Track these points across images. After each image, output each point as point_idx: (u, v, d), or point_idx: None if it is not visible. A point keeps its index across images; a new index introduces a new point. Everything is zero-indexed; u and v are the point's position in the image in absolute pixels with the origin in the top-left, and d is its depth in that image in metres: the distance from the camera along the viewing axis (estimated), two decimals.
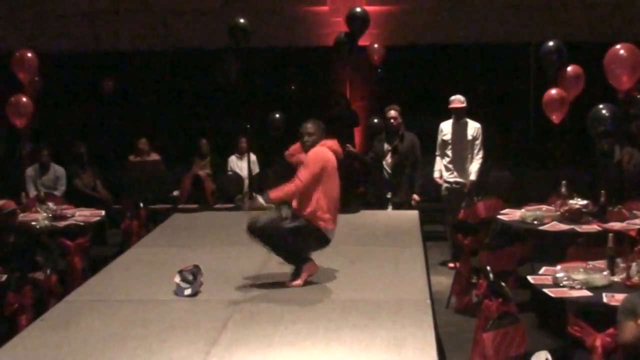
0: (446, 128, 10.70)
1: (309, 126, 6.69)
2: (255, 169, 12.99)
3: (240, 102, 12.75)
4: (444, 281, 9.47)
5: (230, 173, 13.24)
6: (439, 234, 11.44)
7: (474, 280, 8.37)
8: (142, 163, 13.43)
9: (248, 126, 11.92)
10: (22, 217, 9.51)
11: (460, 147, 10.58)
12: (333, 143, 6.70)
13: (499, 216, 9.02)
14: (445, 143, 10.68)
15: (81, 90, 14.77)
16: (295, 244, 6.54)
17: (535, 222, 8.56)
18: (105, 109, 14.76)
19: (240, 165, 13.13)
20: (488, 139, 10.94)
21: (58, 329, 5.64)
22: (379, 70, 14.23)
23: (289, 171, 12.85)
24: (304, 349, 5.08)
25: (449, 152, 10.65)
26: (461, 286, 8.59)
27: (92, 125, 14.74)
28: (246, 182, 12.74)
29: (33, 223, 9.15)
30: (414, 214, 9.40)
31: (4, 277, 6.97)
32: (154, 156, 13.59)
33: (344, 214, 9.10)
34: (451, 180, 10.65)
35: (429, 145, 11.01)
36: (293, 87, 15.05)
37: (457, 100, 10.57)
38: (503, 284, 6.08)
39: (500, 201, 9.72)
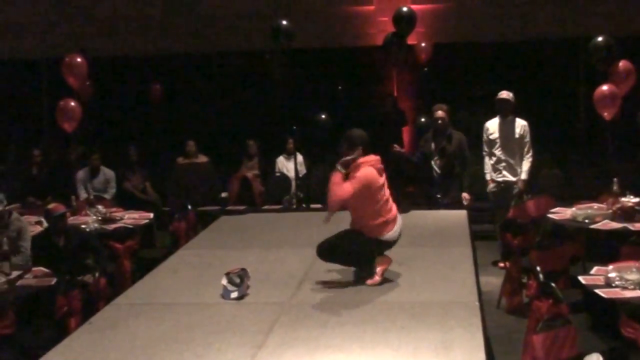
0: (492, 127, 10.56)
1: (349, 142, 6.55)
2: (303, 170, 12.95)
3: (288, 103, 12.73)
4: (493, 281, 9.35)
5: (278, 174, 13.23)
6: (488, 233, 11.29)
7: (524, 280, 8.26)
8: (191, 165, 13.48)
9: (295, 127, 11.90)
10: (72, 220, 9.60)
11: (508, 146, 10.44)
12: (376, 160, 6.57)
13: (549, 215, 8.88)
14: (491, 142, 10.55)
15: (130, 93, 14.88)
16: (361, 254, 6.55)
17: (587, 221, 8.42)
18: (154, 112, 14.85)
19: (288, 166, 13.10)
20: (538, 137, 10.78)
21: (106, 331, 5.64)
22: (425, 69, 14.14)
23: (331, 169, 12.95)
24: (351, 352, 5.01)
25: (496, 152, 10.51)
26: (511, 286, 8.47)
27: (141, 128, 14.84)
28: (294, 183, 12.72)
29: (83, 226, 9.23)
30: (462, 213, 9.27)
31: (54, 280, 7.01)
32: (202, 158, 13.63)
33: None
34: (499, 179, 10.51)
35: (477, 144, 10.88)
36: (340, 88, 15.01)
37: (505, 95, 10.43)
38: (553, 284, 5.97)
39: (551, 200, 9.58)
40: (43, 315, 6.72)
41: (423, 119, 12.94)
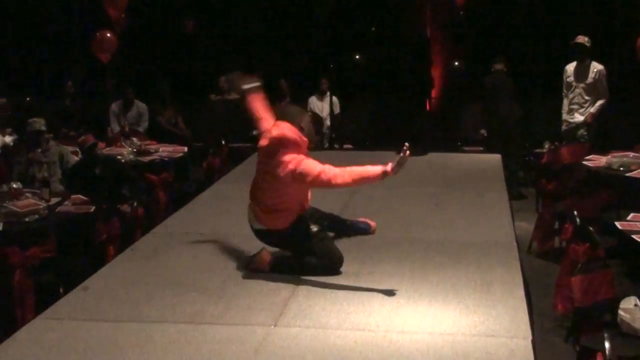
0: (569, 70, 10.66)
1: None
2: (337, 110, 12.94)
3: (322, 42, 12.68)
4: (524, 226, 9.36)
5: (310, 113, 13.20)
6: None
7: (556, 226, 8.28)
8: (223, 101, 13.49)
9: (331, 66, 11.85)
10: (107, 150, 9.67)
11: (583, 89, 10.52)
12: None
13: (584, 162, 8.86)
14: (568, 84, 10.68)
15: (165, 28, 14.84)
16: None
17: (622, 169, 8.38)
18: (187, 47, 14.83)
19: (321, 106, 13.08)
20: None
21: (148, 258, 5.75)
22: (461, 12, 14.00)
23: (363, 110, 12.95)
24: (390, 286, 5.07)
25: (571, 94, 10.62)
26: (543, 231, 8.48)
27: (174, 62, 14.83)
28: (326, 122, 12.72)
29: (118, 157, 9.29)
30: (496, 157, 9.29)
31: (92, 208, 7.09)
32: (234, 95, 13.61)
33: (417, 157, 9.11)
34: (571, 120, 10.62)
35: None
36: (373, 29, 14.92)
37: (581, 39, 10.46)
38: (591, 228, 5.99)
39: (585, 146, 9.56)
40: (82, 241, 6.80)
41: (457, 63, 12.88)
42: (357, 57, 12.85)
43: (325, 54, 12.61)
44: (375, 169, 5.22)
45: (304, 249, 5.41)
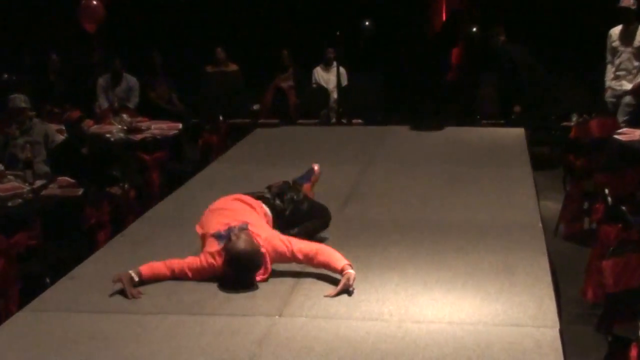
0: (615, 34, 10.67)
1: None
2: (344, 82, 12.92)
3: (327, 7, 12.65)
4: (550, 206, 9.36)
5: (314, 86, 13.22)
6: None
7: (585, 206, 8.28)
8: (220, 74, 13.49)
9: (338, 33, 11.82)
10: (95, 129, 9.69)
11: (630, 53, 10.54)
12: None
13: (615, 136, 8.85)
14: (614, 50, 10.66)
15: None
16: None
17: None
18: (180, 15, 14.79)
19: (327, 78, 13.08)
20: None
21: (140, 244, 5.75)
22: None
23: (373, 82, 12.93)
24: (404, 273, 5.08)
25: (617, 60, 10.63)
26: (571, 212, 8.49)
27: (167, 32, 14.80)
28: (333, 95, 12.72)
29: (107, 135, 9.30)
30: (520, 131, 9.28)
31: (80, 191, 7.11)
32: (232, 66, 13.63)
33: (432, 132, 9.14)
34: (617, 88, 10.63)
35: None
36: None
37: (626, 2, 10.47)
38: (623, 208, 5.99)
39: (616, 119, 9.54)
40: (70, 227, 6.83)
41: (475, 29, 12.85)
42: (366, 23, 12.81)
43: (330, 20, 12.57)
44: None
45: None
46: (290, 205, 5.62)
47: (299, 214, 5.63)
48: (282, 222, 5.52)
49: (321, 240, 5.53)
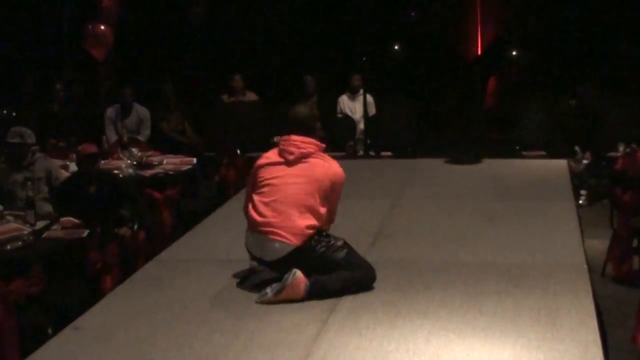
0: None
1: None
2: (372, 111, 12.94)
3: (353, 30, 12.70)
4: (597, 245, 9.31)
5: (340, 115, 13.25)
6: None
7: (635, 245, 8.23)
8: (237, 103, 13.52)
9: (365, 59, 11.87)
10: (102, 164, 9.72)
11: None
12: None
13: None
14: None
15: (168, 18, 14.91)
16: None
17: None
18: (194, 40, 14.88)
19: (353, 107, 13.11)
20: None
21: (150, 290, 5.76)
22: None
23: (404, 111, 12.97)
24: (437, 319, 5.05)
25: None
26: (620, 251, 8.44)
27: (180, 59, 14.89)
28: (360, 125, 12.74)
29: (116, 171, 9.33)
30: (562, 163, 9.28)
31: (85, 232, 7.13)
32: (251, 95, 13.67)
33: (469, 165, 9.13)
34: None
35: None
36: (413, 14, 14.93)
37: None
38: None
39: None
40: (74, 272, 6.85)
41: (514, 53, 12.87)
42: (396, 47, 12.86)
43: (357, 45, 12.62)
44: None
45: (333, 265, 5.55)
46: (322, 249, 5.60)
47: (330, 261, 5.58)
48: (306, 263, 5.52)
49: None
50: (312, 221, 5.62)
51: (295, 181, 5.71)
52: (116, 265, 7.09)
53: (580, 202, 10.53)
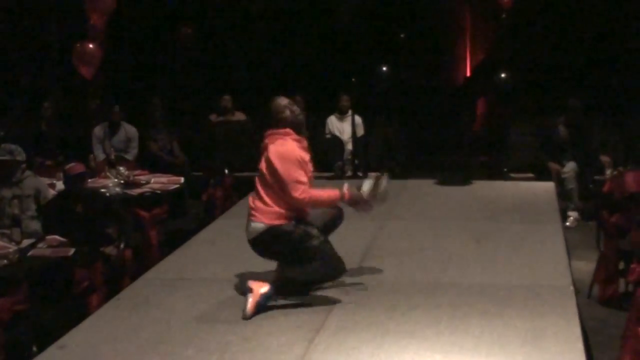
0: None
1: None
2: (360, 132, 12.95)
3: (341, 51, 12.72)
4: (583, 267, 9.32)
5: (328, 136, 13.24)
6: None
7: (621, 267, 8.24)
8: (226, 123, 13.51)
9: (353, 79, 11.89)
10: (90, 183, 9.70)
11: None
12: None
13: None
14: None
15: (156, 37, 14.92)
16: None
17: None
18: (183, 60, 14.89)
19: (341, 127, 13.11)
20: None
21: (137, 309, 5.76)
22: (504, 16, 14.03)
23: (395, 133, 13.01)
24: (424, 339, 5.06)
25: None
26: (606, 273, 8.43)
27: (168, 78, 14.89)
28: (348, 146, 12.75)
29: (103, 190, 9.30)
30: (549, 185, 9.30)
31: (71, 251, 7.10)
32: (239, 115, 13.66)
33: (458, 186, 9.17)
34: None
35: None
36: (402, 36, 14.96)
37: None
38: None
39: None
40: (60, 290, 6.82)
41: (503, 75, 12.91)
42: (384, 68, 12.89)
43: (345, 65, 12.63)
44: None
45: (305, 252, 5.77)
46: (297, 235, 5.82)
47: (303, 247, 5.79)
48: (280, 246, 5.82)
49: (333, 302, 5.55)
50: (280, 203, 5.84)
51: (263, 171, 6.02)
52: (102, 284, 7.06)
53: (567, 224, 10.51)
